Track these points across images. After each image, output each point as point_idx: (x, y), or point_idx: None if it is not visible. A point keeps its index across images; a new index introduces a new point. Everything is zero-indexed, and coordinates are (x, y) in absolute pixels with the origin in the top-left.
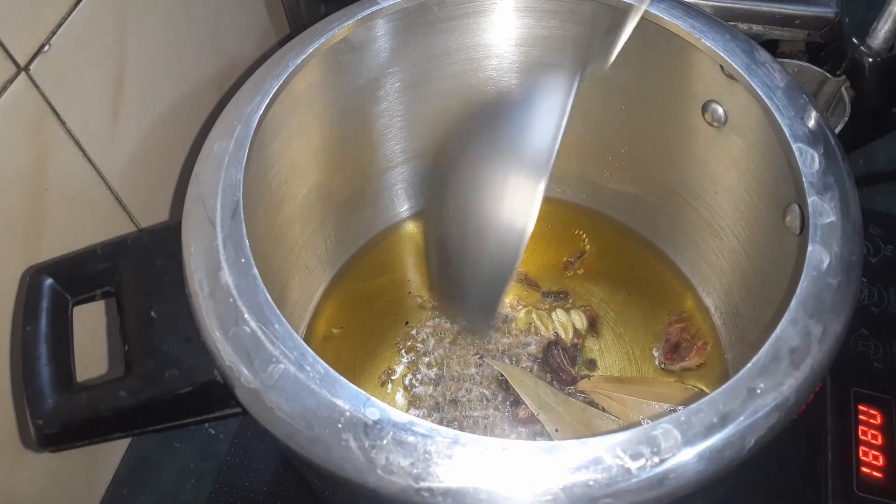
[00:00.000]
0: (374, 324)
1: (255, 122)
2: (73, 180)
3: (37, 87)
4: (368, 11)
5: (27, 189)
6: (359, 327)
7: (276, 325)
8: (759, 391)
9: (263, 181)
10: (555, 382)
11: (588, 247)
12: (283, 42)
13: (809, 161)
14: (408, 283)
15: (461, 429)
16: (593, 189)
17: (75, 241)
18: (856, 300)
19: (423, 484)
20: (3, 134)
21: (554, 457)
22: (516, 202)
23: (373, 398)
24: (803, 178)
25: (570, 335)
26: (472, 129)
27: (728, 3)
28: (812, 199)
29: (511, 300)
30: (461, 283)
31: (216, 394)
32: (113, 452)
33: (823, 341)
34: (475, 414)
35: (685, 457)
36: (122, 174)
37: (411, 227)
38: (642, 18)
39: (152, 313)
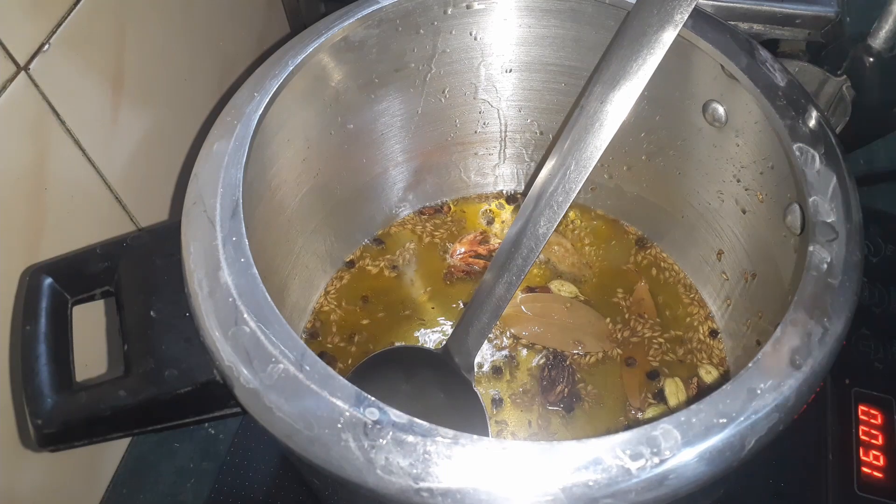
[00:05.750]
0: (374, 323)
1: (255, 122)
2: (73, 180)
3: (37, 86)
4: (368, 10)
5: (27, 189)
6: (359, 327)
7: (276, 325)
8: (759, 391)
9: (263, 180)
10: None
11: (587, 247)
12: (283, 41)
13: (810, 161)
14: (409, 283)
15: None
16: (593, 190)
17: (75, 240)
18: (856, 300)
19: (422, 484)
20: (3, 134)
21: (554, 457)
22: None
23: (372, 398)
24: (804, 178)
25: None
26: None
27: (729, 2)
28: (813, 199)
29: None
30: None
31: (216, 393)
32: (113, 452)
33: (824, 341)
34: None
35: (685, 457)
36: (122, 174)
37: (412, 227)
38: None
39: (152, 313)
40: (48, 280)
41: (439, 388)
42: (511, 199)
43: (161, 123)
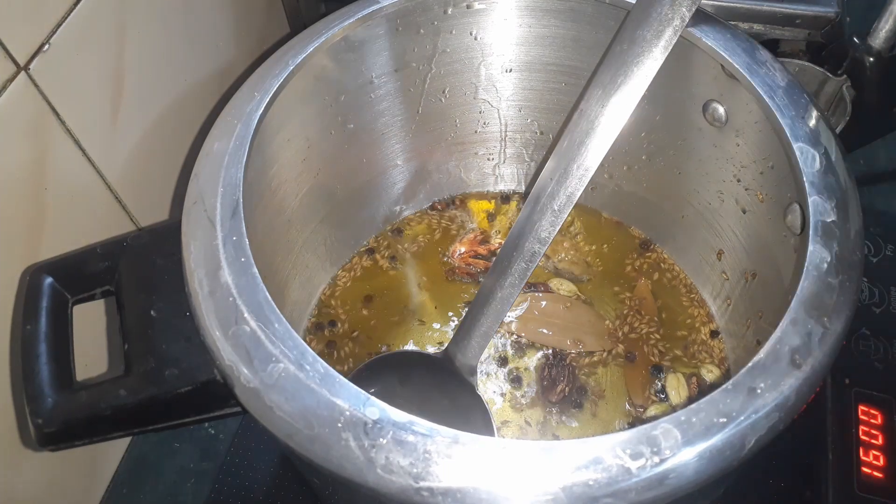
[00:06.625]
0: (376, 323)
1: (256, 121)
2: (73, 180)
3: (37, 86)
4: (368, 10)
5: (27, 189)
6: (359, 327)
7: (276, 325)
8: (759, 391)
9: (263, 180)
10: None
11: (589, 247)
12: (283, 41)
13: (810, 161)
14: (409, 283)
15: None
16: (593, 189)
17: (75, 240)
18: (856, 300)
19: (422, 483)
20: (3, 134)
21: (554, 457)
22: None
23: (373, 398)
24: (804, 178)
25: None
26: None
27: (729, 2)
28: (813, 199)
29: None
30: None
31: (216, 393)
32: (113, 452)
33: (824, 341)
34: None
35: (685, 457)
36: (122, 174)
37: (412, 226)
38: None
39: (152, 312)
40: (48, 279)
41: (442, 392)
42: (512, 199)
43: (161, 123)
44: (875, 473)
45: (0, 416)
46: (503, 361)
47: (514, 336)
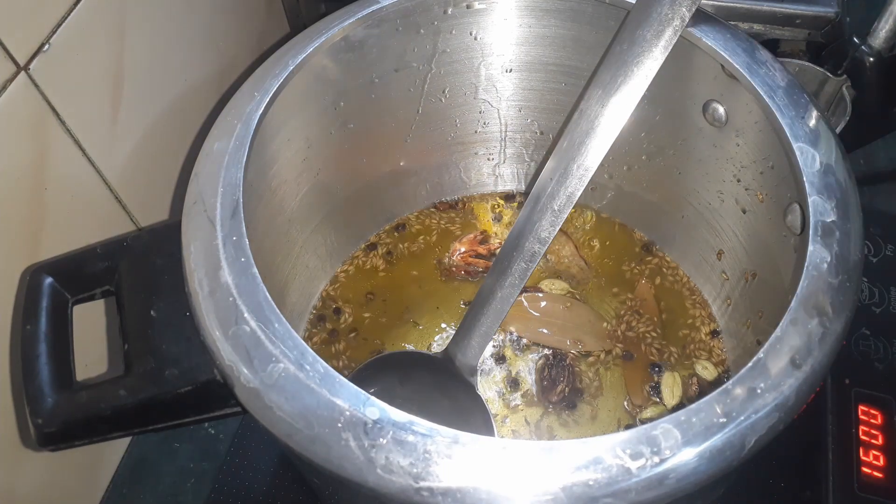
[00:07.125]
0: (376, 323)
1: (256, 121)
2: (72, 180)
3: (37, 86)
4: (368, 10)
5: (27, 189)
6: (359, 327)
7: (276, 325)
8: (759, 391)
9: (263, 180)
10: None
11: (588, 248)
12: (283, 41)
13: (810, 161)
14: (408, 282)
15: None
16: (593, 189)
17: (75, 240)
18: (856, 300)
19: (422, 483)
20: (3, 134)
21: (554, 457)
22: None
23: (372, 398)
24: (804, 178)
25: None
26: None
27: (729, 2)
28: (813, 199)
29: None
30: None
31: (216, 393)
32: (113, 452)
33: (824, 341)
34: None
35: (685, 457)
36: (122, 173)
37: (412, 226)
38: None
39: (152, 312)
40: (48, 279)
41: (442, 392)
42: (511, 199)
43: (161, 123)
44: (875, 473)
45: (0, 416)
46: (503, 361)
47: (514, 336)
